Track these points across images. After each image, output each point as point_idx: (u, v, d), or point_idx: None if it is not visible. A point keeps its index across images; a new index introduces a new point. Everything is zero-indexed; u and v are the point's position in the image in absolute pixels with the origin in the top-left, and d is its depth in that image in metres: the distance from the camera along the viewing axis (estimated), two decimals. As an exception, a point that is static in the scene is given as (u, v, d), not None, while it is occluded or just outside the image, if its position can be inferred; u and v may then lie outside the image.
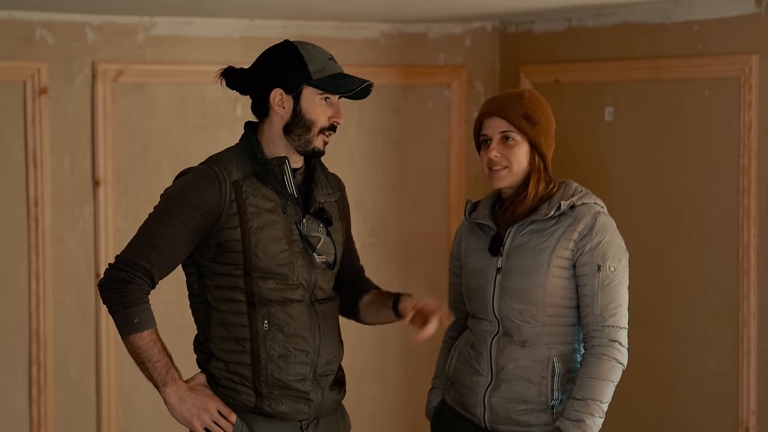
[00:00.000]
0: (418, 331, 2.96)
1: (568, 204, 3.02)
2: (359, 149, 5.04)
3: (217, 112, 4.79)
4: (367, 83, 2.91)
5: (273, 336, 2.91)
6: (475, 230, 3.17)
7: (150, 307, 2.90)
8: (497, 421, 3.06)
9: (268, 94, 2.91)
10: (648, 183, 4.56)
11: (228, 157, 2.93)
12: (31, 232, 4.50)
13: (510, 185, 3.08)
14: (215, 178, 2.87)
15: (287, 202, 2.93)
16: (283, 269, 2.91)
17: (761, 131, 4.13)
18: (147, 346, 2.87)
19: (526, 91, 3.10)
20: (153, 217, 2.91)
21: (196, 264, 2.95)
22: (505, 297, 3.05)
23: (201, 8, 4.41)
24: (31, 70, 4.46)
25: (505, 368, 3.05)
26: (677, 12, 4.38)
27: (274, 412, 2.93)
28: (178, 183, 2.93)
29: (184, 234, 2.86)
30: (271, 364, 2.91)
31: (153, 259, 2.86)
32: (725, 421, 4.28)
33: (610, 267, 3.00)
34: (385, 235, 5.13)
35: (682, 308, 4.44)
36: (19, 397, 4.54)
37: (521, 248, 3.04)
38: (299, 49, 2.91)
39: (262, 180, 2.92)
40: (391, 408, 5.17)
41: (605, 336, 2.98)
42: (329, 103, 2.92)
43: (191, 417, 2.89)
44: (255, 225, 2.89)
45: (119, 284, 2.87)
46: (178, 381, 2.90)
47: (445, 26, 5.14)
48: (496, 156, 3.05)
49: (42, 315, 4.53)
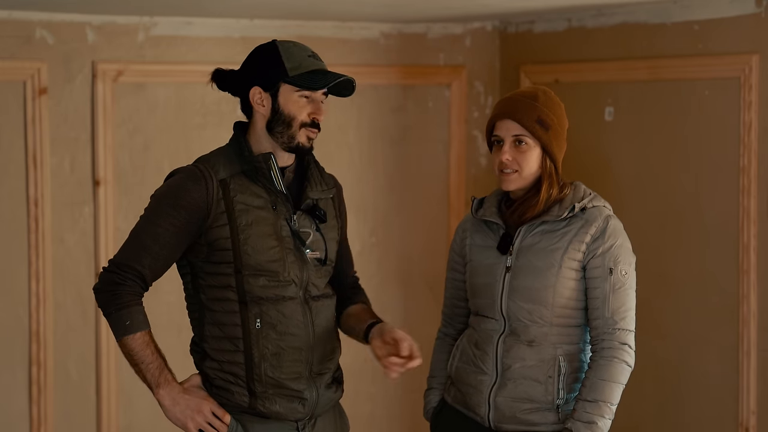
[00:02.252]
0: (385, 363, 2.96)
1: (581, 206, 3.03)
2: (359, 149, 5.04)
3: (217, 112, 4.79)
4: (343, 78, 2.91)
5: (266, 334, 2.91)
6: (482, 227, 3.17)
7: (143, 309, 2.90)
8: (502, 420, 3.06)
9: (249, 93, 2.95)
10: (648, 183, 4.56)
11: (215, 157, 2.96)
12: (31, 232, 4.50)
13: (519, 188, 3.08)
14: (201, 177, 2.89)
15: (277, 199, 2.93)
16: (274, 266, 2.91)
17: (761, 131, 4.13)
18: (140, 348, 2.88)
19: (540, 93, 3.08)
20: (143, 218, 2.93)
21: (190, 264, 2.96)
22: (514, 296, 3.05)
23: (201, 8, 4.41)
24: (31, 70, 4.46)
25: (511, 367, 3.05)
26: (677, 12, 4.39)
27: (268, 411, 2.93)
28: (166, 184, 2.95)
29: (173, 234, 2.87)
30: (265, 363, 2.91)
31: (144, 260, 2.87)
32: (725, 421, 4.28)
33: (622, 270, 3.01)
34: (385, 235, 5.13)
35: (682, 308, 4.44)
36: (19, 397, 4.54)
37: (532, 248, 3.05)
38: (278, 48, 2.93)
39: (250, 178, 2.93)
40: (390, 408, 5.17)
41: (616, 339, 3.01)
42: (309, 100, 2.92)
43: (185, 418, 2.90)
44: (243, 222, 2.89)
45: (111, 287, 2.88)
46: (171, 383, 2.90)
47: (445, 26, 5.14)
48: (508, 159, 3.05)
49: (42, 315, 4.53)
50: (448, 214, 5.22)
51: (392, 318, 5.14)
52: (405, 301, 5.17)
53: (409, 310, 5.18)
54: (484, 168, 5.24)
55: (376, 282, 5.08)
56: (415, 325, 5.20)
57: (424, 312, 5.17)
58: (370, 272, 5.06)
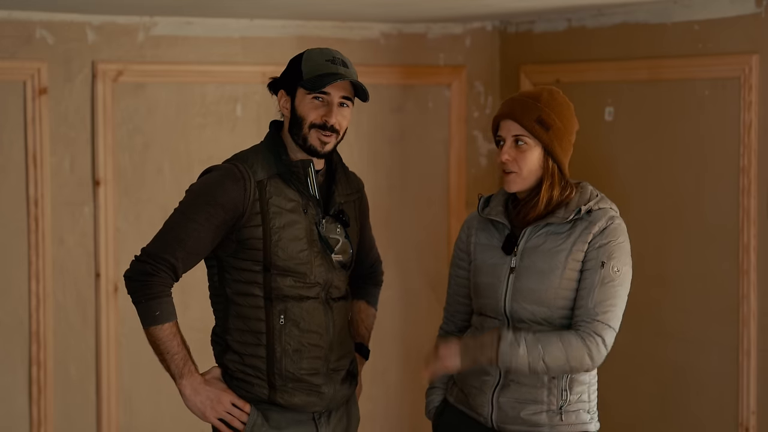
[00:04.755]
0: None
1: (586, 209, 3.02)
2: (359, 149, 5.04)
3: (217, 112, 4.79)
4: (341, 80, 2.95)
5: (288, 331, 2.99)
6: (487, 226, 3.16)
7: (172, 300, 2.96)
8: (505, 421, 3.06)
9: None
10: (648, 183, 4.56)
11: (253, 157, 3.01)
12: (31, 232, 4.50)
13: (521, 189, 3.07)
14: (241, 177, 2.95)
15: (308, 203, 3.00)
16: (302, 268, 2.99)
17: (761, 131, 4.13)
18: (167, 338, 2.95)
19: (544, 93, 3.07)
20: (179, 212, 2.98)
21: (217, 258, 3.02)
22: (517, 297, 3.04)
23: (201, 8, 4.41)
24: (31, 70, 4.46)
25: None
26: (677, 12, 4.39)
27: (287, 403, 3.01)
28: (204, 180, 3.00)
29: (208, 230, 2.93)
30: (286, 358, 2.99)
31: (178, 253, 2.93)
32: (725, 421, 4.28)
33: (614, 267, 2.99)
34: (385, 235, 5.13)
35: (682, 308, 4.43)
36: (19, 397, 4.54)
37: (536, 250, 3.04)
38: (305, 53, 3.02)
39: (285, 180, 2.99)
40: (391, 408, 5.17)
41: (592, 329, 2.94)
42: (323, 103, 2.97)
43: (204, 408, 2.97)
44: (277, 224, 2.95)
45: (144, 276, 2.93)
46: (194, 374, 2.97)
47: (445, 26, 5.14)
48: (507, 159, 3.05)
49: (42, 315, 4.53)
50: (448, 214, 5.21)
51: (392, 318, 5.15)
52: (405, 301, 5.17)
53: (409, 310, 5.18)
54: (484, 168, 5.24)
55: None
56: (415, 325, 5.20)
57: (425, 312, 5.17)
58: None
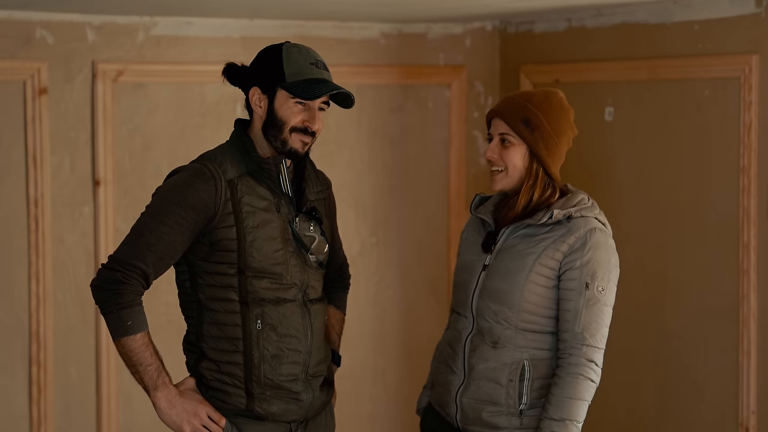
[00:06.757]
0: None
1: (563, 214, 2.97)
2: (359, 149, 5.04)
3: (216, 112, 4.79)
4: (338, 91, 2.89)
5: (266, 336, 2.90)
6: (477, 225, 3.16)
7: (143, 309, 2.86)
8: (467, 422, 3.03)
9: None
10: (648, 183, 4.56)
11: (221, 155, 2.92)
12: (31, 232, 4.50)
13: (506, 188, 3.06)
14: (211, 176, 2.86)
15: (281, 201, 2.92)
16: (278, 268, 2.90)
17: (761, 131, 4.13)
18: (139, 349, 2.85)
19: (539, 95, 3.06)
20: (147, 216, 2.87)
21: (188, 262, 2.93)
22: (484, 295, 3.02)
23: (201, 8, 4.41)
24: (31, 70, 4.46)
25: (475, 368, 3.02)
26: (677, 12, 4.39)
27: (265, 413, 2.92)
28: (172, 181, 2.90)
29: (179, 233, 2.83)
30: (264, 364, 2.90)
31: (148, 258, 2.83)
32: (725, 421, 4.28)
33: (599, 287, 2.95)
34: (385, 235, 5.13)
35: (682, 308, 4.43)
36: (19, 397, 4.54)
37: (509, 250, 3.02)
38: (283, 51, 2.91)
39: (256, 178, 2.91)
40: (390, 408, 5.17)
41: (583, 355, 2.93)
42: (305, 107, 2.90)
43: (181, 422, 2.88)
44: (250, 224, 2.87)
45: (114, 285, 2.83)
46: (168, 385, 2.88)
47: (445, 26, 5.14)
48: (492, 156, 3.05)
49: (42, 315, 4.53)
50: (448, 214, 5.21)
51: (392, 318, 5.15)
52: (405, 301, 5.17)
53: (409, 310, 5.18)
54: (484, 168, 5.24)
55: (376, 282, 5.08)
56: (415, 325, 5.20)
57: (425, 312, 5.17)
58: (369, 272, 5.06)
